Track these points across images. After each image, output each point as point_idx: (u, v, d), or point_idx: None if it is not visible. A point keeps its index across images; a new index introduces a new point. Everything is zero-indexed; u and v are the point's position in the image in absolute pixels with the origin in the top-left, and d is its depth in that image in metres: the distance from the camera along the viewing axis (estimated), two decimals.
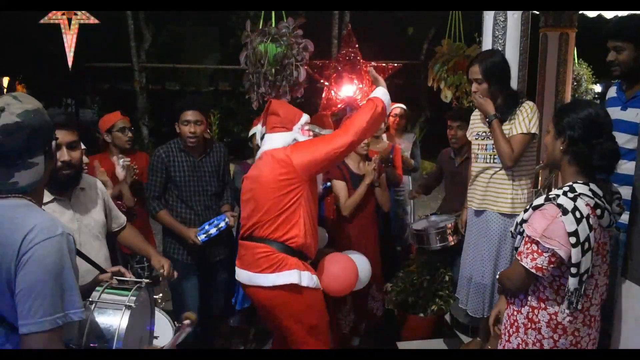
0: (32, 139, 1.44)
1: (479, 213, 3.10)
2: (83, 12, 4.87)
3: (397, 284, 3.83)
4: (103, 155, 3.54)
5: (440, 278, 4.02)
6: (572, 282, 1.88)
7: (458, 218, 3.64)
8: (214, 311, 3.37)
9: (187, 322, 1.97)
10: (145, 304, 1.89)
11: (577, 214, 1.84)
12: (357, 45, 5.11)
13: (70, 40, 4.93)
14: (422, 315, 3.77)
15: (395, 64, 5.48)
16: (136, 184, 3.37)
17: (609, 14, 4.57)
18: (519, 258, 1.94)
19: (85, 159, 2.95)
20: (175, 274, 2.51)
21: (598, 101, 3.24)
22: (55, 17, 4.88)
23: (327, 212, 3.69)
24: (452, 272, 3.96)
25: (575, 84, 6.66)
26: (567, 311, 1.93)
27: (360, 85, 5.13)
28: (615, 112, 2.52)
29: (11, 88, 11.66)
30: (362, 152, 3.53)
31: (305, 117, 2.76)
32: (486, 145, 3.03)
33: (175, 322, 2.25)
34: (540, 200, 1.95)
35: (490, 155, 3.04)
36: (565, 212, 1.84)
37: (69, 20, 4.89)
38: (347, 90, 5.08)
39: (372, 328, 3.74)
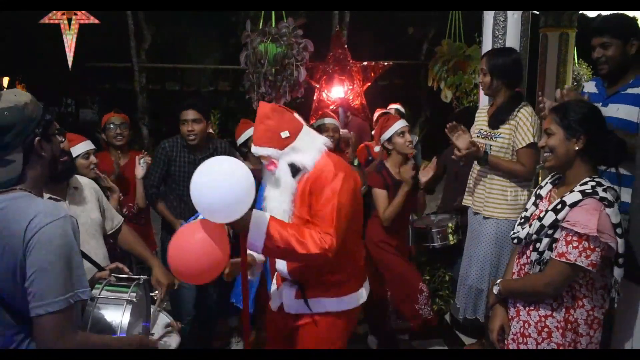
0: (4, 136, 1.44)
1: (478, 216, 3.11)
2: (83, 12, 4.87)
3: None
4: (103, 153, 3.55)
5: (440, 278, 4.03)
6: (618, 273, 1.89)
7: (459, 218, 3.64)
8: (213, 311, 3.37)
9: (169, 329, 1.99)
10: (141, 301, 1.91)
11: (617, 206, 1.86)
12: (345, 46, 5.09)
13: (70, 40, 4.93)
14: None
15: (386, 63, 5.45)
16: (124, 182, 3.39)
17: (606, 14, 4.57)
18: (563, 259, 1.87)
19: (94, 160, 2.96)
20: (177, 284, 2.47)
21: None
22: (55, 17, 4.88)
23: None
24: (452, 272, 3.96)
25: (575, 84, 6.66)
26: (605, 305, 1.93)
27: (351, 87, 5.10)
28: None
29: (11, 88, 11.65)
30: (406, 151, 3.26)
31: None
32: (485, 145, 3.03)
33: (178, 322, 2.26)
34: (575, 197, 1.89)
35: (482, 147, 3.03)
36: (610, 204, 1.85)
37: (69, 20, 4.89)
38: (337, 91, 5.04)
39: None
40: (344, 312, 2.26)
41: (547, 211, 1.96)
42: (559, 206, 1.92)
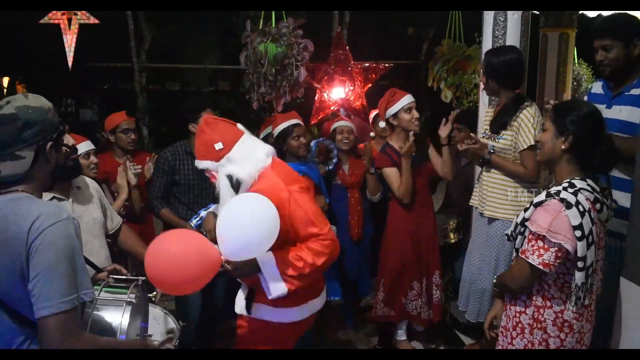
0: (24, 132, 1.47)
1: (482, 216, 3.10)
2: (83, 12, 4.86)
3: None
4: (107, 154, 3.54)
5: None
6: (579, 277, 1.88)
7: (460, 217, 3.64)
8: (215, 311, 3.37)
9: (171, 335, 2.00)
10: (140, 302, 1.91)
11: (580, 208, 1.85)
12: (347, 47, 5.09)
13: (70, 40, 4.92)
14: None
15: (387, 64, 5.45)
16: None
17: (608, 14, 4.57)
18: (523, 256, 1.93)
19: (94, 159, 2.97)
20: None
21: None
22: (55, 17, 4.87)
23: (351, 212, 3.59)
24: (452, 272, 3.96)
25: (575, 84, 6.65)
26: (573, 308, 1.92)
27: (352, 87, 5.10)
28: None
29: (11, 88, 11.67)
30: (412, 128, 3.26)
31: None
32: (488, 145, 3.02)
33: (180, 322, 2.26)
34: (540, 197, 1.95)
35: (486, 147, 3.02)
36: (569, 205, 1.85)
37: (69, 20, 4.88)
38: (338, 92, 5.05)
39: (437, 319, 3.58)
40: (278, 323, 2.27)
41: (525, 209, 2.02)
42: (528, 205, 1.98)
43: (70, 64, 5.05)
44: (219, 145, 2.17)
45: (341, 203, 3.57)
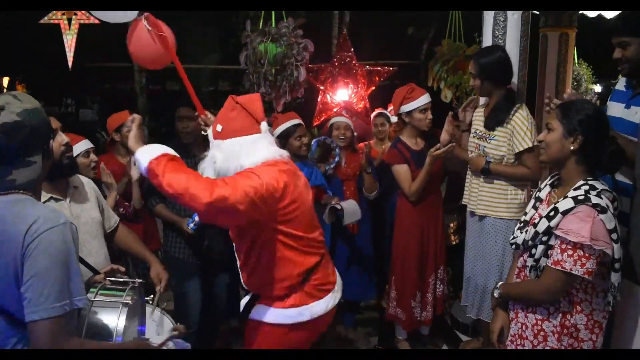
0: (31, 138, 1.47)
1: (478, 217, 3.10)
2: (83, 12, 4.86)
3: None
4: (109, 155, 3.53)
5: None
6: (615, 278, 1.87)
7: (460, 218, 3.64)
8: (216, 312, 3.37)
9: (175, 332, 2.00)
10: (137, 304, 1.91)
11: (611, 210, 1.84)
12: (352, 49, 5.10)
13: (70, 40, 4.91)
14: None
15: (391, 68, 5.45)
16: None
17: (609, 14, 4.57)
18: (559, 267, 1.86)
19: (94, 157, 2.98)
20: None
21: (598, 102, 3.23)
22: (55, 17, 4.87)
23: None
24: (453, 271, 3.97)
25: (575, 84, 6.65)
26: (610, 308, 1.91)
27: (356, 89, 5.11)
28: (618, 109, 2.48)
29: (11, 88, 11.67)
30: (422, 127, 3.29)
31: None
32: (479, 145, 3.04)
33: (178, 323, 2.26)
34: (567, 203, 1.87)
35: (483, 156, 3.04)
36: (603, 210, 1.82)
37: (69, 20, 4.88)
38: (342, 94, 5.05)
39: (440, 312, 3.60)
40: (283, 325, 2.19)
41: (541, 217, 1.95)
42: (552, 213, 1.90)
43: (70, 64, 5.04)
44: (219, 127, 2.15)
45: (337, 196, 3.57)
